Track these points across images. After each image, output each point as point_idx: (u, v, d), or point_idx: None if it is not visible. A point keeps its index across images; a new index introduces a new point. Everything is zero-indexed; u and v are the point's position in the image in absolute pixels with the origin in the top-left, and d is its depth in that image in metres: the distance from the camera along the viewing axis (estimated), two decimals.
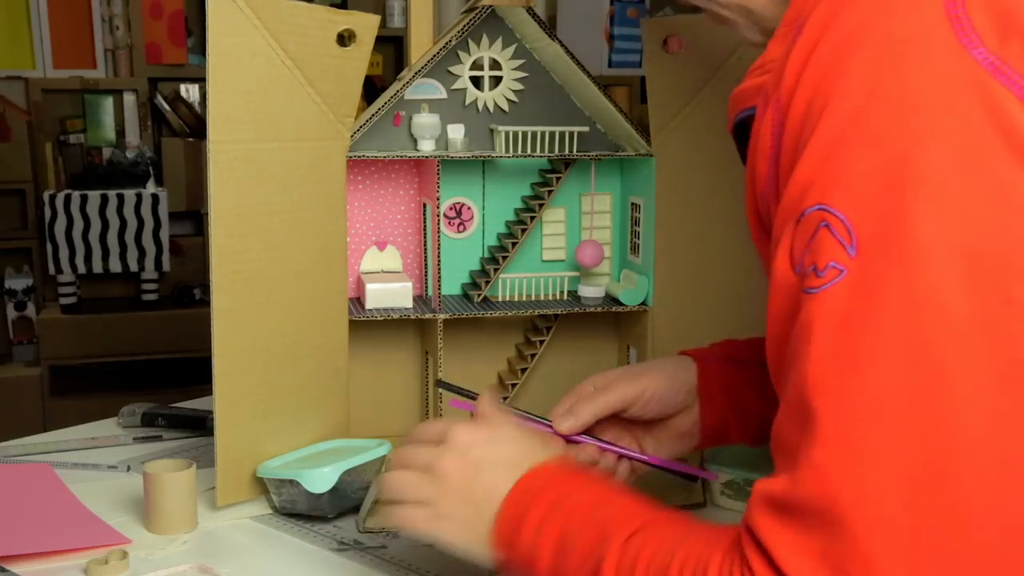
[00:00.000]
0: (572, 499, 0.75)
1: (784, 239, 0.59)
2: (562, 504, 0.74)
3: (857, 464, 0.54)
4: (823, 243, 0.56)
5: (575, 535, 0.72)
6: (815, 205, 0.57)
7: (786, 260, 0.59)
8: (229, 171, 1.03)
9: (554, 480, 0.77)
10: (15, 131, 3.12)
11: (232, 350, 1.06)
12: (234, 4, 1.00)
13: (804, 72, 0.59)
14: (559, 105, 1.23)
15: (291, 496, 1.06)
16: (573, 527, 0.72)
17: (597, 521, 0.72)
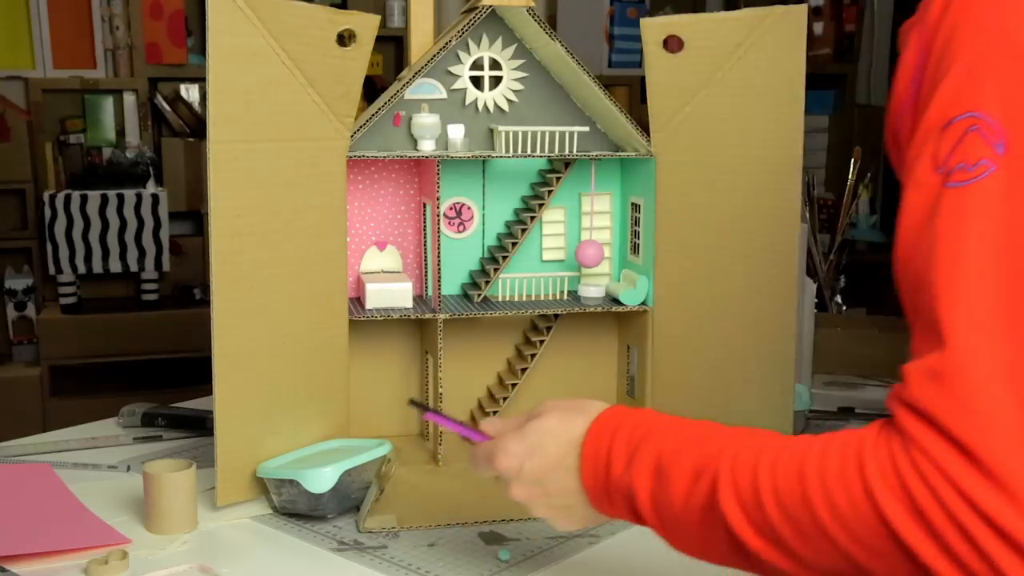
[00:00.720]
0: (654, 430, 0.75)
1: (927, 147, 0.63)
2: (645, 437, 0.75)
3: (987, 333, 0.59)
4: (972, 144, 0.61)
5: (671, 460, 0.72)
6: (964, 113, 0.61)
7: (929, 165, 0.63)
8: (229, 171, 1.03)
9: (624, 421, 0.77)
10: (15, 131, 3.12)
11: (232, 350, 1.06)
12: (234, 4, 1.00)
13: (948, 9, 0.65)
14: (559, 105, 1.23)
15: (291, 496, 1.05)
16: (667, 453, 0.72)
17: (692, 442, 0.72)
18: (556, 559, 0.98)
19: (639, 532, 1.03)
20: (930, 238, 0.62)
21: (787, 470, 0.65)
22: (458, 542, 1.01)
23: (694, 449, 0.72)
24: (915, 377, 0.61)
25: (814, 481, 0.63)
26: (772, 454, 0.67)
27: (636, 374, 1.29)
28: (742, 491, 0.67)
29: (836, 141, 3.58)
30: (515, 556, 0.98)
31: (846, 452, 0.63)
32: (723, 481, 0.68)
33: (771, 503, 0.65)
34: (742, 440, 0.71)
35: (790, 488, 0.65)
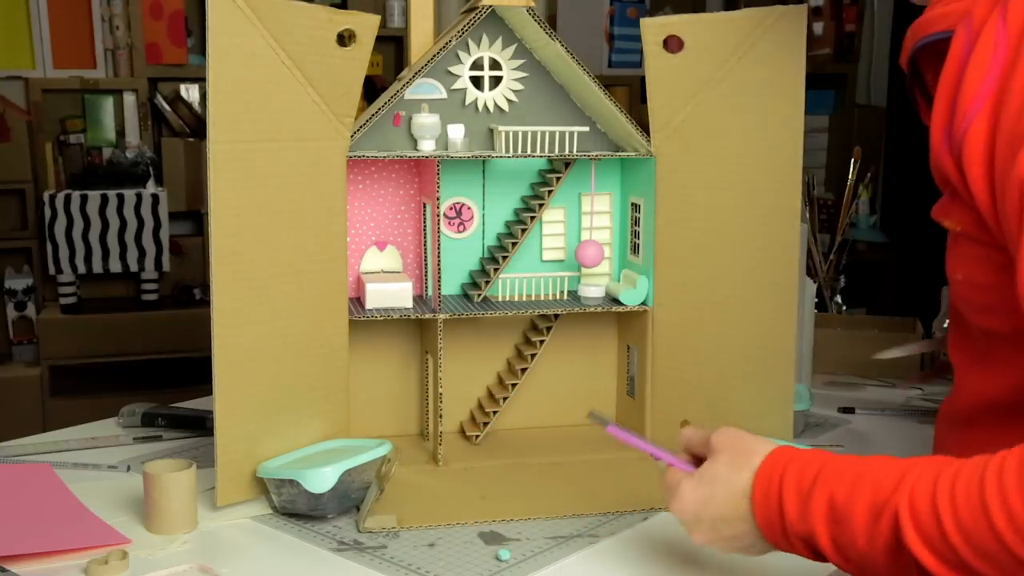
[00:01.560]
0: (823, 472, 0.76)
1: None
2: (815, 480, 0.75)
3: None
4: None
5: (846, 499, 0.73)
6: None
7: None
8: (229, 171, 1.03)
9: (790, 464, 0.78)
10: (15, 131, 3.12)
11: (232, 350, 1.06)
12: (234, 4, 1.00)
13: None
14: (559, 105, 1.23)
15: (291, 496, 1.05)
16: (840, 492, 0.73)
17: (864, 480, 0.73)
18: (556, 559, 0.98)
19: (639, 532, 1.03)
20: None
21: (967, 498, 0.66)
22: (458, 542, 1.01)
23: (868, 487, 0.73)
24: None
25: (996, 506, 0.64)
26: (948, 482, 0.68)
27: (636, 374, 1.29)
28: (924, 526, 0.68)
29: (836, 141, 3.58)
30: (515, 556, 0.98)
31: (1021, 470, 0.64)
32: (904, 518, 0.69)
33: (955, 534, 0.66)
34: (914, 471, 0.71)
35: (973, 517, 0.65)
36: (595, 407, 1.34)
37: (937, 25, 0.76)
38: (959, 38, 0.72)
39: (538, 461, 1.20)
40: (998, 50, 0.68)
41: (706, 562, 0.96)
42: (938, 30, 0.76)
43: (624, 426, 0.94)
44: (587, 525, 1.05)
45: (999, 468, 0.66)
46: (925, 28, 0.78)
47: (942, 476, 0.69)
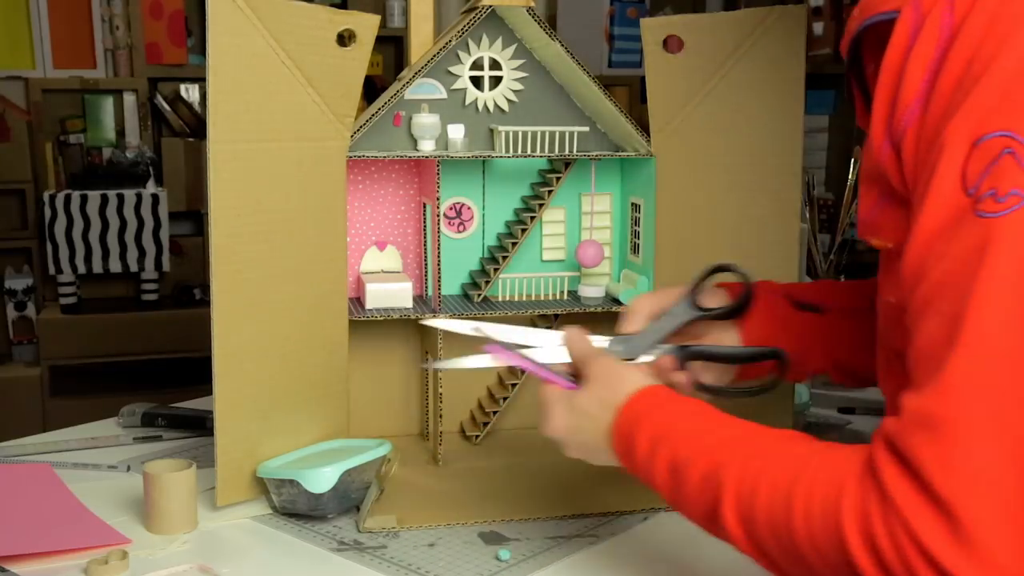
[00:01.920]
0: (673, 431, 0.78)
1: (951, 158, 0.58)
2: (664, 436, 0.78)
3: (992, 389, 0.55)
4: (1006, 170, 0.56)
5: (685, 463, 0.75)
6: (998, 131, 0.56)
7: (955, 179, 0.58)
8: (229, 171, 1.03)
9: (647, 414, 0.81)
10: (15, 131, 3.12)
11: (232, 350, 1.06)
12: (234, 4, 1.00)
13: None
14: (559, 105, 1.23)
15: (291, 496, 1.05)
16: (681, 457, 0.75)
17: (706, 447, 0.74)
18: (556, 559, 0.98)
19: (639, 532, 1.03)
20: (948, 263, 0.58)
21: (782, 499, 0.66)
22: (458, 542, 1.01)
23: (705, 456, 0.74)
24: (907, 421, 0.58)
25: (799, 513, 0.64)
26: (771, 475, 0.68)
27: None
28: (742, 508, 0.69)
29: (836, 141, 3.58)
30: (515, 556, 0.98)
31: (829, 489, 0.62)
32: (726, 494, 0.70)
33: (764, 523, 0.67)
34: (749, 448, 0.72)
35: (782, 519, 0.65)
36: None
37: (885, 4, 0.68)
38: (904, 21, 0.65)
39: (538, 461, 1.20)
40: (941, 38, 0.62)
41: (706, 562, 0.96)
42: (885, 9, 0.68)
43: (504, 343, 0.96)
44: (587, 525, 1.05)
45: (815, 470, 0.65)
46: (872, 7, 0.70)
47: (770, 462, 0.68)
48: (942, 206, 0.59)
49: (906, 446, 0.57)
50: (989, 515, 0.54)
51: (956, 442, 0.55)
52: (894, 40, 0.65)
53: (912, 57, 0.63)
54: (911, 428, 0.57)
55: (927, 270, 0.60)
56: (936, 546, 0.55)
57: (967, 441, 0.55)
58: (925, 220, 0.60)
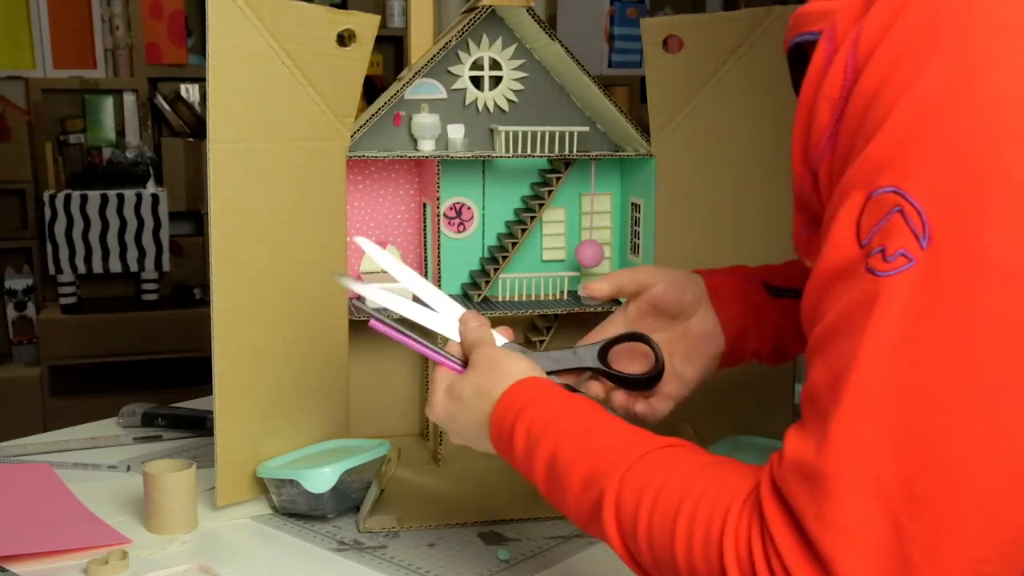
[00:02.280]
0: (550, 429, 0.76)
1: (850, 205, 0.58)
2: (542, 434, 0.76)
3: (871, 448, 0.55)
4: (895, 229, 0.55)
5: (565, 466, 0.74)
6: (890, 187, 0.55)
7: (851, 228, 0.57)
8: (229, 171, 1.03)
9: (525, 408, 0.79)
10: (15, 131, 3.12)
11: (232, 350, 1.06)
12: (234, 4, 1.00)
13: (886, 38, 0.57)
14: (559, 105, 1.23)
15: (291, 496, 1.06)
16: (562, 457, 0.74)
17: (587, 451, 0.73)
18: (556, 559, 0.98)
19: None
20: (840, 311, 0.58)
21: (663, 516, 0.65)
22: (458, 542, 1.01)
23: (585, 460, 0.73)
24: (788, 464, 0.59)
25: (682, 540, 0.63)
26: (655, 488, 0.67)
27: None
28: (622, 519, 0.69)
29: None
30: (515, 556, 0.98)
31: (713, 519, 0.62)
32: (607, 503, 0.70)
33: (644, 543, 0.67)
34: (633, 457, 0.70)
35: (662, 537, 0.65)
36: None
37: (816, 23, 0.65)
38: (819, 53, 0.62)
39: None
40: (847, 77, 0.59)
41: None
42: (811, 30, 0.65)
43: (389, 321, 0.91)
44: None
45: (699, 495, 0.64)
46: (803, 23, 0.66)
47: (654, 477, 0.67)
48: (838, 252, 0.58)
49: (788, 493, 0.58)
50: (860, 566, 0.54)
51: (833, 498, 0.55)
52: (809, 72, 0.63)
53: (821, 93, 0.61)
54: (793, 476, 0.58)
55: (822, 313, 0.60)
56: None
57: (843, 498, 0.55)
58: (824, 262, 0.60)
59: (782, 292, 0.98)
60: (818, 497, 0.56)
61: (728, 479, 0.64)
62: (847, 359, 0.56)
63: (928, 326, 0.53)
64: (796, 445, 0.59)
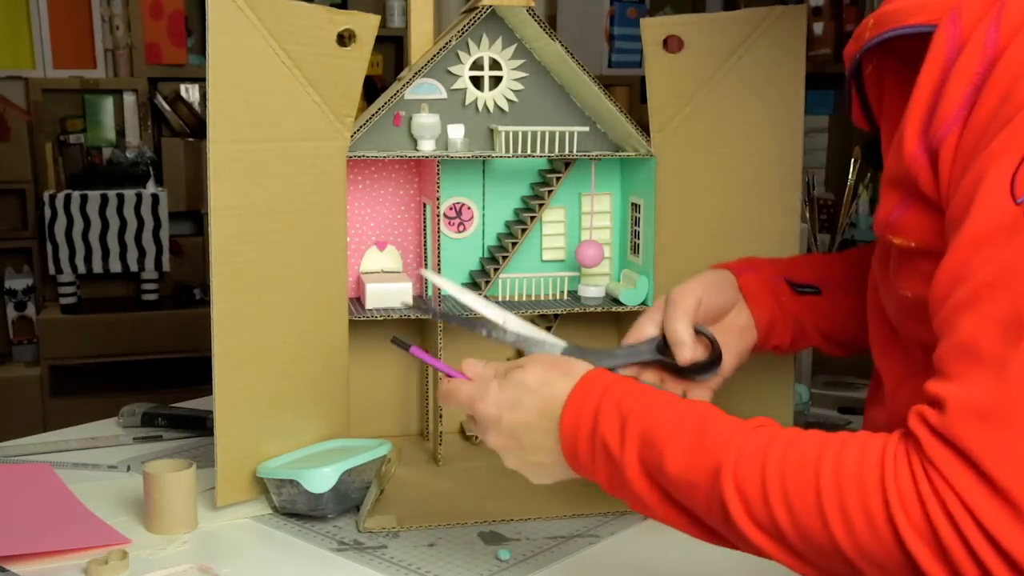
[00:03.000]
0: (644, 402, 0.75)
1: (1001, 172, 0.60)
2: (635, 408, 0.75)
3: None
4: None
5: (666, 435, 0.72)
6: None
7: (1005, 191, 0.60)
8: (229, 171, 1.03)
9: (611, 387, 0.77)
10: (15, 131, 3.12)
11: (232, 350, 1.06)
12: (234, 4, 1.00)
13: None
14: (559, 105, 1.23)
15: (291, 496, 1.06)
16: (661, 426, 0.73)
17: (688, 421, 0.72)
18: (556, 559, 0.98)
19: (639, 532, 1.03)
20: (998, 266, 0.60)
21: (799, 475, 0.65)
22: (458, 542, 1.01)
23: (692, 433, 0.71)
24: (958, 412, 0.60)
25: (830, 495, 0.63)
26: (780, 451, 0.66)
27: None
28: (747, 488, 0.67)
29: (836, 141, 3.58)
30: (515, 556, 0.98)
31: (865, 469, 0.62)
32: (727, 473, 0.68)
33: (780, 506, 0.65)
34: (744, 430, 0.70)
35: (803, 496, 0.64)
36: None
37: (914, 17, 0.70)
38: (944, 35, 0.67)
39: None
40: (986, 55, 0.64)
41: (707, 562, 0.96)
42: (916, 23, 0.70)
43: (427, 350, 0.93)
44: (587, 525, 1.05)
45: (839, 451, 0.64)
46: (896, 18, 0.72)
47: (775, 441, 0.67)
48: (990, 214, 0.61)
49: (962, 438, 0.59)
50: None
51: (1017, 434, 0.57)
52: (932, 53, 0.67)
53: (955, 71, 0.65)
54: (966, 421, 0.59)
55: (972, 271, 0.61)
56: (999, 530, 0.57)
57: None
58: (971, 226, 0.62)
59: (803, 288, 1.03)
60: (999, 435, 0.57)
61: (864, 437, 0.65)
62: (1020, 304, 0.58)
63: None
64: (960, 392, 0.60)
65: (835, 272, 1.05)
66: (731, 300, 1.01)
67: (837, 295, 1.03)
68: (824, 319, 1.03)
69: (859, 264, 1.03)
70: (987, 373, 0.59)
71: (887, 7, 0.72)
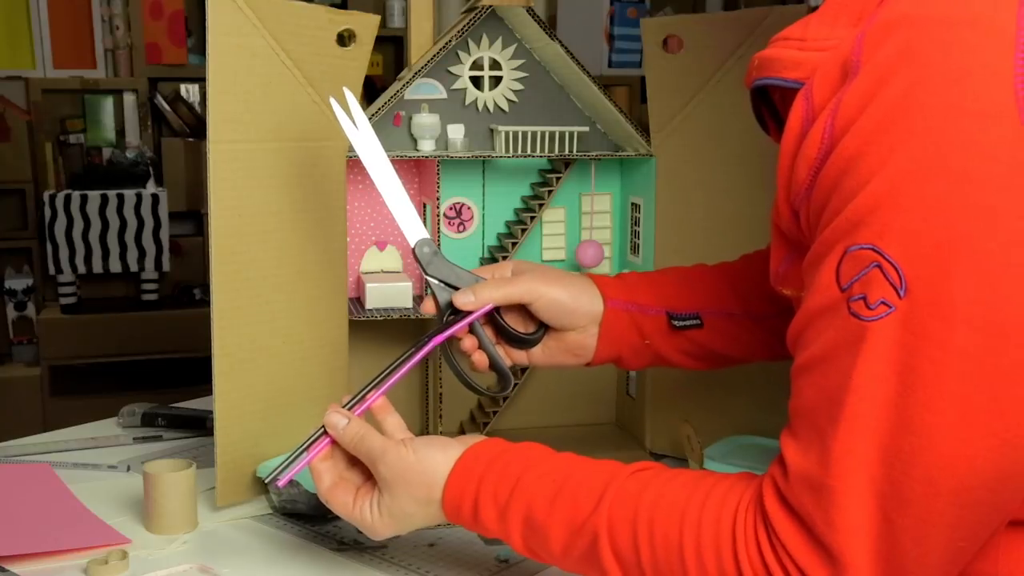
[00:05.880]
0: (520, 484, 0.80)
1: (830, 259, 0.66)
2: (513, 491, 0.80)
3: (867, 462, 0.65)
4: (874, 281, 0.63)
5: (545, 520, 0.78)
6: (868, 244, 0.64)
7: (831, 276, 0.66)
8: (229, 171, 1.03)
9: (484, 478, 0.82)
10: (15, 131, 3.12)
11: (232, 350, 1.06)
12: (234, 4, 1.00)
13: (864, 114, 0.64)
14: (559, 105, 1.23)
15: (291, 496, 1.06)
16: (539, 507, 0.79)
17: (563, 496, 0.78)
18: None
19: None
20: (826, 342, 0.66)
21: (665, 538, 0.73)
22: (458, 542, 1.01)
23: (568, 506, 0.78)
24: (796, 480, 0.68)
25: (691, 558, 0.71)
26: (647, 517, 0.74)
27: (635, 374, 1.29)
28: (621, 553, 0.75)
29: None
30: (515, 556, 0.98)
31: (720, 533, 0.71)
32: (603, 542, 0.75)
33: (650, 569, 0.73)
34: (614, 486, 0.77)
35: (668, 559, 0.72)
36: (593, 407, 1.35)
37: (787, 71, 0.71)
38: (799, 106, 0.69)
39: None
40: (823, 145, 0.66)
41: None
42: (788, 77, 0.71)
43: None
44: None
45: (699, 511, 0.72)
46: (773, 68, 0.73)
47: (643, 503, 0.74)
48: (822, 294, 0.67)
49: (797, 503, 0.67)
50: (864, 556, 0.65)
51: (839, 504, 0.65)
52: (789, 125, 0.70)
53: (802, 150, 0.68)
54: (801, 488, 0.67)
55: (807, 341, 0.69)
56: None
57: (848, 503, 0.65)
58: (810, 302, 0.68)
59: (684, 322, 1.01)
60: (826, 505, 0.65)
61: (719, 495, 0.73)
62: (840, 387, 0.65)
63: (910, 362, 0.63)
64: (799, 460, 0.68)
65: (722, 292, 1.02)
66: (581, 324, 0.98)
67: (719, 321, 1.00)
68: (696, 347, 1.01)
69: (746, 277, 1.02)
70: (817, 444, 0.67)
71: (768, 52, 0.74)
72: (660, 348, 1.00)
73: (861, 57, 0.65)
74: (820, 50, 0.69)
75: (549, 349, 0.99)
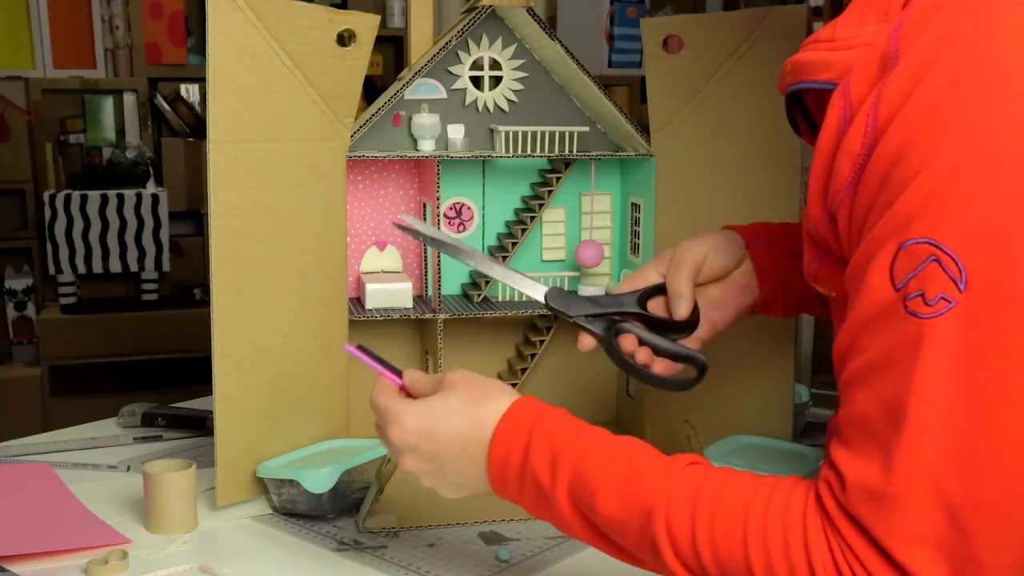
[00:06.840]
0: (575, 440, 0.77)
1: (881, 257, 0.63)
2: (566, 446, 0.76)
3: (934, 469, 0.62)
4: (932, 276, 0.61)
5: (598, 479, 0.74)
6: (923, 238, 0.61)
7: (884, 275, 0.63)
8: (229, 171, 1.03)
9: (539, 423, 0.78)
10: (15, 131, 3.12)
11: (232, 350, 1.06)
12: (234, 4, 1.00)
13: (909, 102, 0.62)
14: (559, 105, 1.23)
15: (291, 496, 1.06)
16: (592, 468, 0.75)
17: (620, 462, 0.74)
18: (556, 559, 0.98)
19: None
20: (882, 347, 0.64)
21: (727, 528, 0.69)
22: (458, 542, 1.01)
23: (622, 468, 0.74)
24: (854, 490, 0.65)
25: (757, 550, 0.67)
26: (709, 502, 0.70)
27: None
28: (677, 532, 0.71)
29: None
30: (515, 556, 0.98)
31: (789, 527, 0.67)
32: (658, 517, 0.71)
33: (709, 558, 0.69)
34: (674, 471, 0.73)
35: (731, 549, 0.68)
36: (593, 407, 1.35)
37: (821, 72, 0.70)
38: (836, 105, 0.68)
39: None
40: (867, 138, 0.64)
41: None
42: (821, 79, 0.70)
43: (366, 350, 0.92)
44: None
45: (765, 505, 0.69)
46: (807, 71, 0.72)
47: (704, 490, 0.71)
48: (875, 296, 0.64)
49: (857, 513, 0.64)
50: (935, 570, 0.62)
51: (902, 513, 0.62)
52: (826, 124, 0.68)
53: (842, 146, 0.66)
54: (860, 500, 0.64)
55: (862, 348, 0.66)
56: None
57: (912, 512, 0.62)
58: (860, 305, 0.65)
59: None
60: (888, 516, 0.63)
61: (786, 490, 0.69)
62: (901, 392, 0.62)
63: (976, 358, 0.60)
64: (858, 471, 0.65)
65: None
66: (736, 262, 0.99)
67: None
68: None
69: None
70: (876, 453, 0.64)
71: (801, 56, 0.73)
72: (801, 293, 0.99)
73: (899, 47, 0.63)
74: (850, 48, 0.68)
75: (720, 296, 0.98)
